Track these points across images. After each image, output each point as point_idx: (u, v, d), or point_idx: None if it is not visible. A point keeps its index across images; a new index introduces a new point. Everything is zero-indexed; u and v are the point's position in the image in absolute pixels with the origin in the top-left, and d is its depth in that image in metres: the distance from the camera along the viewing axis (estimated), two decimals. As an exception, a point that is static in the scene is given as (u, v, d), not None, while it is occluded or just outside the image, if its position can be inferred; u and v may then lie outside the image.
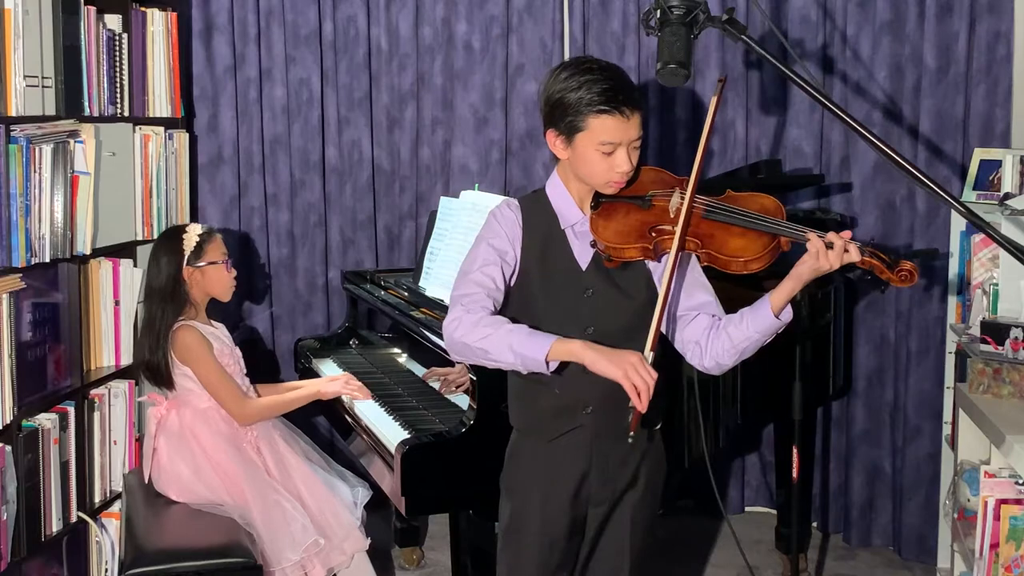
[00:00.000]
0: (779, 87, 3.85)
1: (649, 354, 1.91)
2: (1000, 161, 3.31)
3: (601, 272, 2.08)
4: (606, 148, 1.99)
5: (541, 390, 2.10)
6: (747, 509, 4.15)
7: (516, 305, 2.12)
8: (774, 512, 3.82)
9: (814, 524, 3.93)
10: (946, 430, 3.44)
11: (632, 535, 2.18)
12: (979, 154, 3.42)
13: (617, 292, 2.07)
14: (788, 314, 2.01)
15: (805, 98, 3.75)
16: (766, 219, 1.99)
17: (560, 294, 2.08)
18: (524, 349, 1.94)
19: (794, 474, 3.08)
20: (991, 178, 3.35)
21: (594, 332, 2.04)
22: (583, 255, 2.10)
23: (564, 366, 1.99)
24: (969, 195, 3.38)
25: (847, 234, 1.93)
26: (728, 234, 2.00)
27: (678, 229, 1.98)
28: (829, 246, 1.90)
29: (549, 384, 2.07)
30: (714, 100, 2.05)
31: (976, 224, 1.78)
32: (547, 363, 1.93)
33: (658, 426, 2.21)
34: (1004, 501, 2.53)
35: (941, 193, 1.76)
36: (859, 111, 3.66)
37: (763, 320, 2.00)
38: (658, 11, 1.94)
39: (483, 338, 1.97)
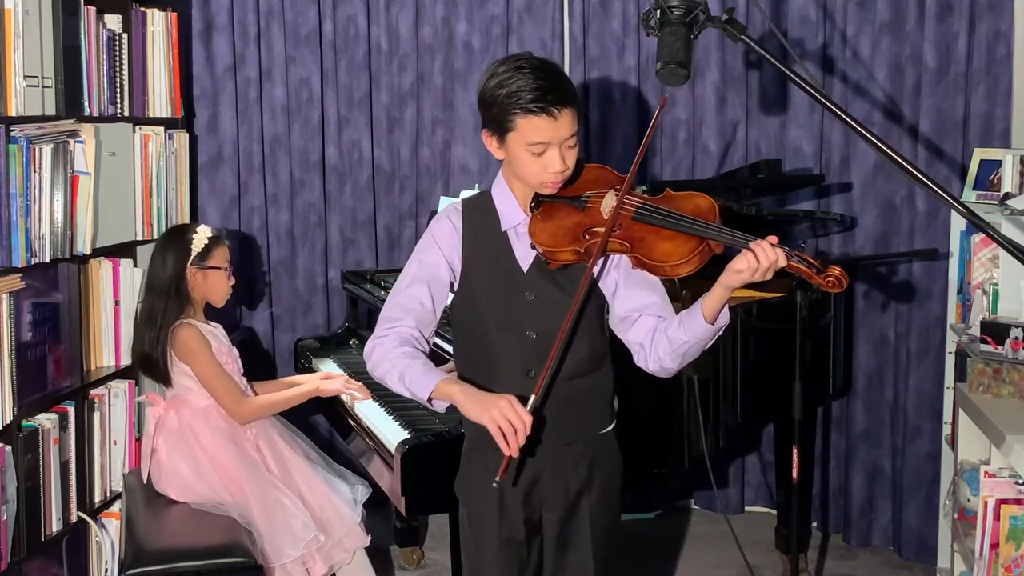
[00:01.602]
0: (779, 87, 3.85)
1: (532, 398, 1.90)
2: (1000, 161, 3.31)
3: (543, 274, 2.05)
4: (536, 149, 1.97)
5: None
6: (747, 509, 4.16)
7: (462, 309, 2.13)
8: (774, 512, 3.82)
9: (814, 524, 3.93)
10: (946, 430, 3.44)
11: (593, 538, 2.14)
12: (979, 154, 3.42)
13: (559, 293, 2.04)
14: (724, 319, 1.97)
15: (805, 98, 3.75)
16: (696, 222, 1.94)
17: (502, 297, 2.07)
18: (412, 386, 2.00)
19: (794, 474, 3.08)
20: (991, 178, 3.35)
21: (536, 335, 2.03)
22: (524, 257, 2.07)
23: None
24: (969, 195, 3.38)
25: (773, 239, 1.88)
26: (657, 237, 1.96)
27: (603, 231, 1.95)
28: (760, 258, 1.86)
29: (494, 391, 2.05)
30: (655, 118, 2.04)
31: (976, 224, 1.78)
32: (431, 402, 1.98)
33: (610, 427, 2.17)
34: (1004, 501, 2.53)
35: (941, 193, 1.75)
36: (859, 111, 3.66)
37: (697, 327, 1.95)
38: (658, 11, 1.94)
39: (384, 373, 2.04)
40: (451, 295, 2.14)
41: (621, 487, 2.20)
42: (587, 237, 1.99)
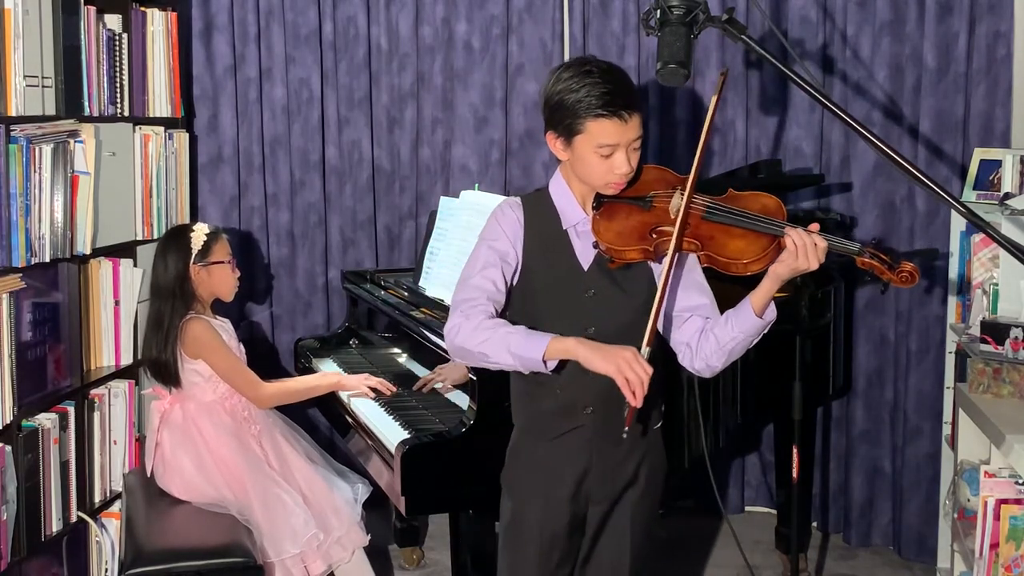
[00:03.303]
0: (779, 87, 3.85)
1: (645, 349, 1.92)
2: (1000, 161, 3.31)
3: (603, 272, 2.08)
4: (604, 151, 1.99)
5: (543, 390, 2.11)
6: (747, 509, 4.16)
7: (518, 304, 2.13)
8: (774, 512, 3.82)
9: (814, 524, 3.93)
10: (946, 430, 3.44)
11: (632, 533, 2.18)
12: (979, 154, 3.42)
13: (619, 292, 2.07)
14: (772, 313, 2.02)
15: (805, 98, 3.75)
16: (766, 220, 1.98)
17: (562, 294, 2.09)
18: (522, 350, 1.95)
19: (794, 474, 3.08)
20: (991, 178, 3.35)
21: (595, 332, 2.05)
22: (585, 255, 2.10)
23: (564, 366, 2.01)
24: (969, 195, 3.38)
25: (815, 226, 1.93)
26: (728, 236, 2.00)
27: (675, 230, 1.98)
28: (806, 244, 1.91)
29: (550, 384, 2.08)
30: (714, 99, 2.04)
31: (976, 224, 1.78)
32: (545, 362, 1.95)
33: (658, 425, 2.21)
34: (1004, 501, 2.53)
35: (941, 193, 1.76)
36: (859, 111, 3.66)
37: (745, 320, 2.00)
38: (658, 11, 1.94)
39: (482, 342, 1.99)
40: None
41: (664, 483, 2.24)
42: (655, 236, 2.02)
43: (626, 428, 1.92)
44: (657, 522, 2.28)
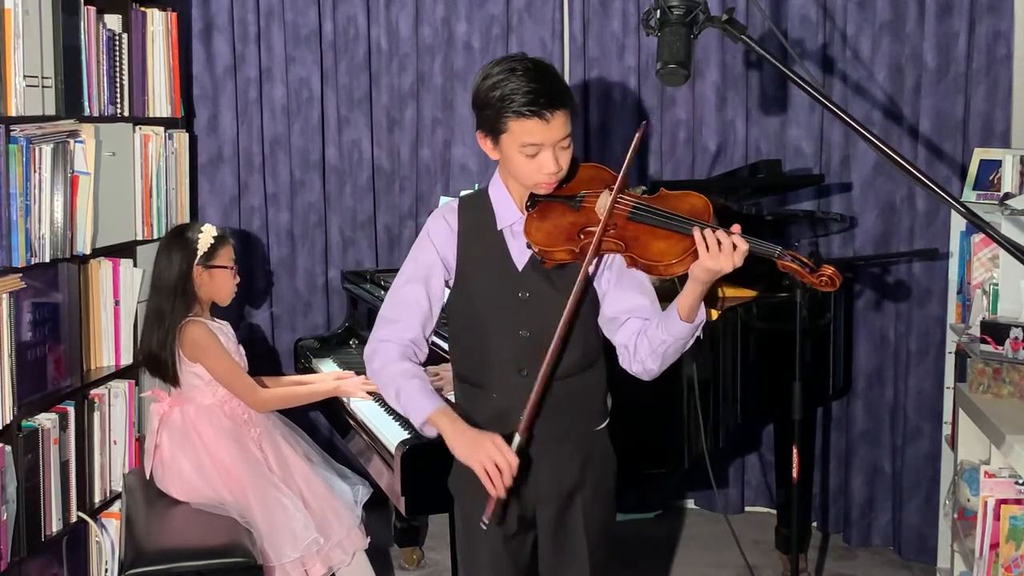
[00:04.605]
0: (779, 87, 3.85)
1: (517, 438, 1.91)
2: (1000, 161, 3.31)
3: (538, 273, 2.06)
4: (529, 151, 1.97)
5: (480, 395, 2.11)
6: (747, 509, 4.15)
7: (458, 306, 2.13)
8: (774, 512, 3.82)
9: (814, 524, 3.93)
10: (946, 430, 3.44)
11: (588, 534, 2.14)
12: (979, 154, 3.42)
13: (554, 293, 2.04)
14: (701, 317, 1.97)
15: (805, 98, 3.75)
16: (685, 219, 1.94)
17: (497, 296, 2.07)
18: (408, 407, 2.04)
19: (794, 474, 3.08)
20: (991, 178, 3.35)
21: (529, 336, 2.04)
22: (520, 256, 2.08)
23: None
24: (969, 195, 3.38)
25: (736, 228, 1.89)
26: (652, 237, 1.96)
27: (597, 230, 1.96)
28: (719, 244, 1.86)
29: (487, 390, 2.08)
30: (635, 139, 2.00)
31: (976, 224, 1.77)
32: (423, 427, 2.02)
33: (603, 425, 2.18)
34: (1004, 501, 2.53)
35: (941, 193, 1.75)
36: (859, 111, 3.66)
37: (673, 325, 1.96)
38: (658, 11, 1.94)
39: (382, 386, 2.09)
40: (448, 291, 2.15)
41: (616, 485, 2.20)
42: (582, 237, 1.99)
43: (485, 519, 1.93)
44: (615, 524, 2.25)
